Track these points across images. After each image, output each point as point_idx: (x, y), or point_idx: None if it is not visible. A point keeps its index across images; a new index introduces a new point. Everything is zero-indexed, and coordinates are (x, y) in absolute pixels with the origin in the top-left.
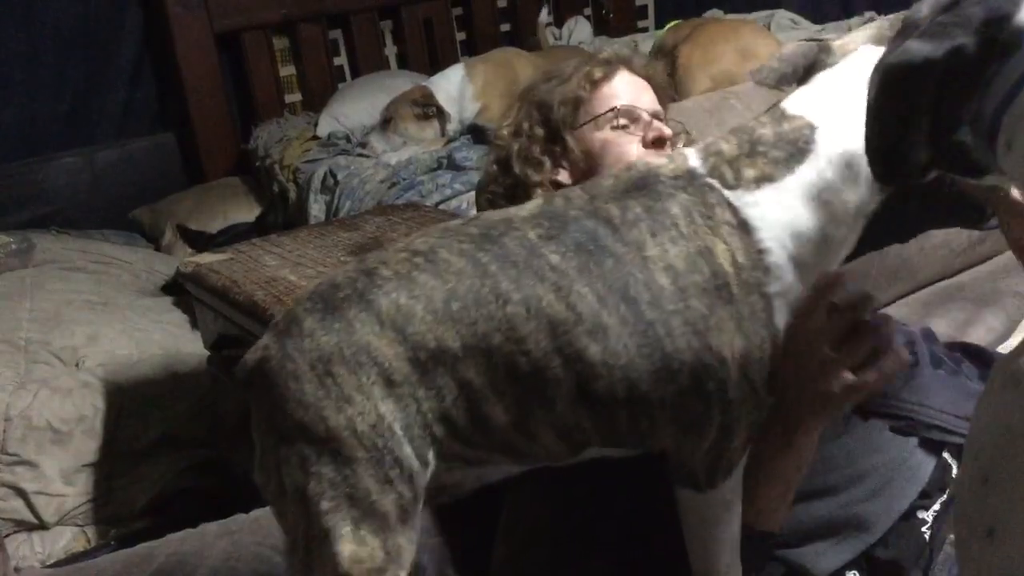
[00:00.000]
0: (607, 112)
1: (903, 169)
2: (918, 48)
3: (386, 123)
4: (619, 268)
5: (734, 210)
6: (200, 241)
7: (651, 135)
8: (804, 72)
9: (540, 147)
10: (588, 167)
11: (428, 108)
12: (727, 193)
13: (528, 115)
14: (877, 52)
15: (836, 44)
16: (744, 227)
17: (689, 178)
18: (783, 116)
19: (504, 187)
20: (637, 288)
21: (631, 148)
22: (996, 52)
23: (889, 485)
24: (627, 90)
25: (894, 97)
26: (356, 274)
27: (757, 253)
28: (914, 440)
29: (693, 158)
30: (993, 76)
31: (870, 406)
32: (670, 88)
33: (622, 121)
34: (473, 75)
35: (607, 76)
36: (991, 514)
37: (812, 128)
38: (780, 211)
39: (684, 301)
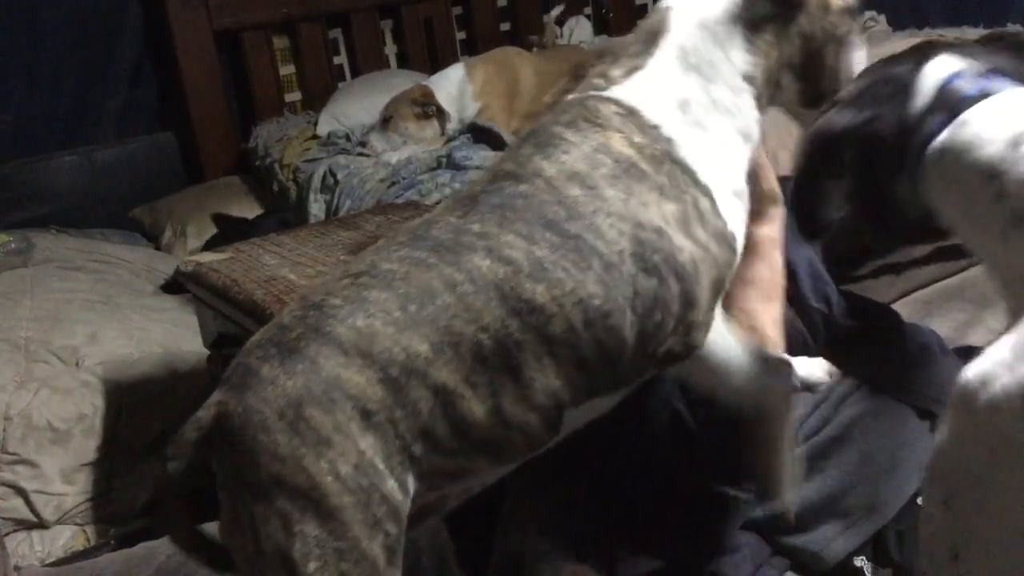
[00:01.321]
0: None
1: (818, 225)
2: (838, 118)
3: (386, 122)
4: (529, 202)
5: (616, 102)
6: (242, 226)
7: None
8: None
9: None
10: None
11: (428, 107)
12: (604, 94)
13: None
14: None
15: None
16: (631, 112)
17: (564, 107)
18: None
19: None
20: (552, 209)
21: None
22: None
23: (900, 466)
24: None
25: (814, 160)
26: (303, 311)
27: (652, 129)
28: (927, 423)
29: (567, 97)
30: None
31: (878, 381)
32: None
33: None
34: (473, 74)
35: None
36: (954, 536)
37: (666, 11)
38: (656, 88)
39: (599, 197)
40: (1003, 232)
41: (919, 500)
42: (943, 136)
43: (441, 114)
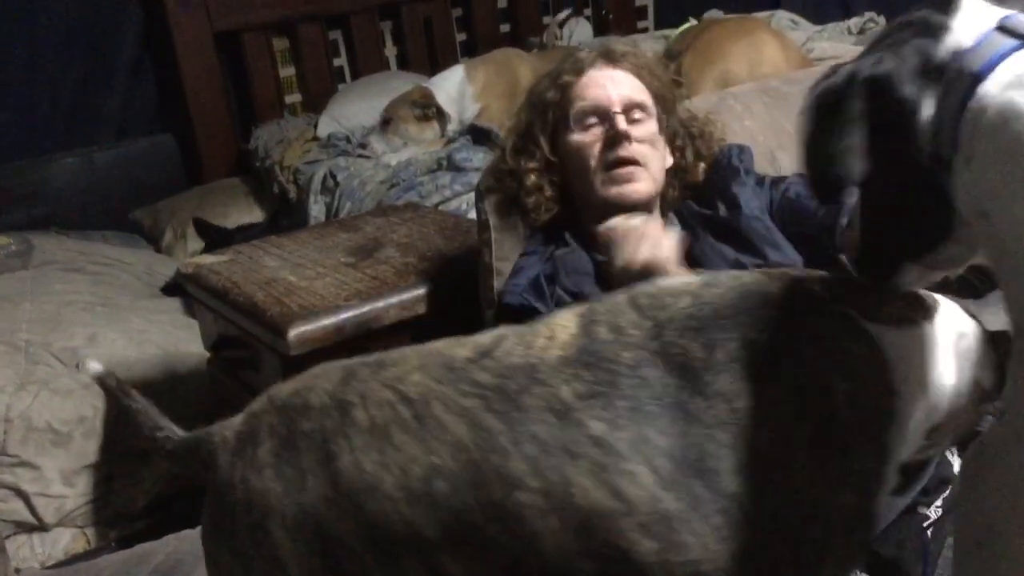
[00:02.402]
0: (572, 114)
1: (830, 188)
2: (844, 69)
3: (386, 124)
4: (693, 431)
5: (871, 344)
6: (219, 235)
7: (609, 133)
8: None
9: (530, 141)
10: (564, 167)
11: (428, 109)
12: (864, 324)
13: (525, 108)
14: None
15: None
16: (881, 364)
17: (807, 301)
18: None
19: (505, 171)
20: (718, 454)
21: (593, 150)
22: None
23: None
24: (595, 86)
25: (817, 117)
26: (332, 402)
27: (888, 396)
28: None
29: (809, 283)
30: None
31: None
32: (666, 69)
33: (590, 120)
34: (473, 76)
35: (576, 76)
36: None
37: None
38: (923, 356)
39: (784, 459)
40: None
41: (919, 509)
42: (1013, 69)
43: (441, 116)
